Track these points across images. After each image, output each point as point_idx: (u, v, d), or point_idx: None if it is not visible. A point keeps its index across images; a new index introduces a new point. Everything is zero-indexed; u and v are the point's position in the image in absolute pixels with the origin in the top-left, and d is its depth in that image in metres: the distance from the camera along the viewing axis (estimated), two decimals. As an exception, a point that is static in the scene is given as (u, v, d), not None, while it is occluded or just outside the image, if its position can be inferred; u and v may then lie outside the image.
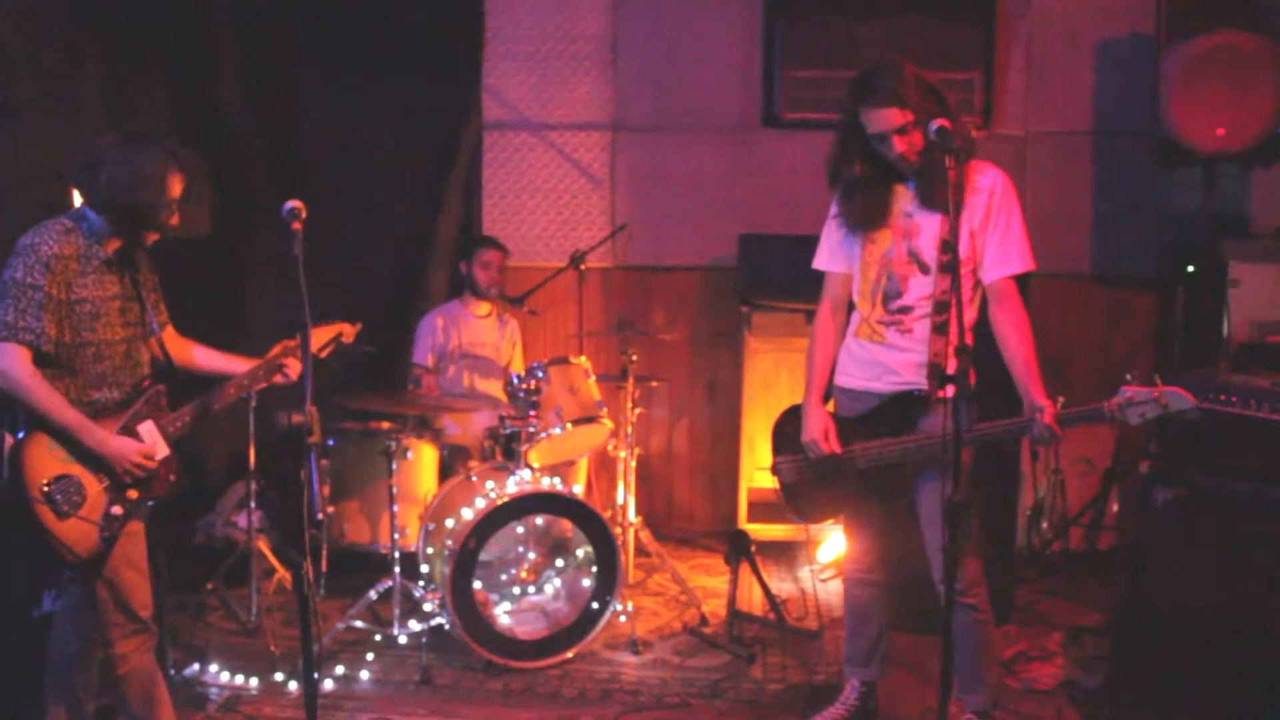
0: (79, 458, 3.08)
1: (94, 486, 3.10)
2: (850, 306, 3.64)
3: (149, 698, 3.31)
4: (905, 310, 3.42)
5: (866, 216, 3.47)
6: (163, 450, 3.24)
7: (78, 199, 4.22)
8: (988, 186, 3.35)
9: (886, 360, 3.46)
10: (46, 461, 3.04)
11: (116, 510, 3.13)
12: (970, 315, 3.39)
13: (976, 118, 5.84)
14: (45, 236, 3.07)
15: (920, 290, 3.40)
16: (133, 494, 3.17)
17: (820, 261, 3.69)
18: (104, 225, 3.16)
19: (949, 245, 3.28)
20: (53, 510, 3.00)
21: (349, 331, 3.83)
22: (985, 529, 3.55)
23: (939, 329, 3.36)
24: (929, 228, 3.38)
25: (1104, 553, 5.46)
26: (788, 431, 3.70)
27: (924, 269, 3.40)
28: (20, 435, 3.04)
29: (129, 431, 3.18)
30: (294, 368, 3.47)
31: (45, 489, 3.00)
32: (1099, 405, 3.09)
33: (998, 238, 3.34)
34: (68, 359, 3.10)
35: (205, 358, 3.53)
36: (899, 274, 3.43)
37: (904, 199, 3.44)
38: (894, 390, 3.45)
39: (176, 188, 3.16)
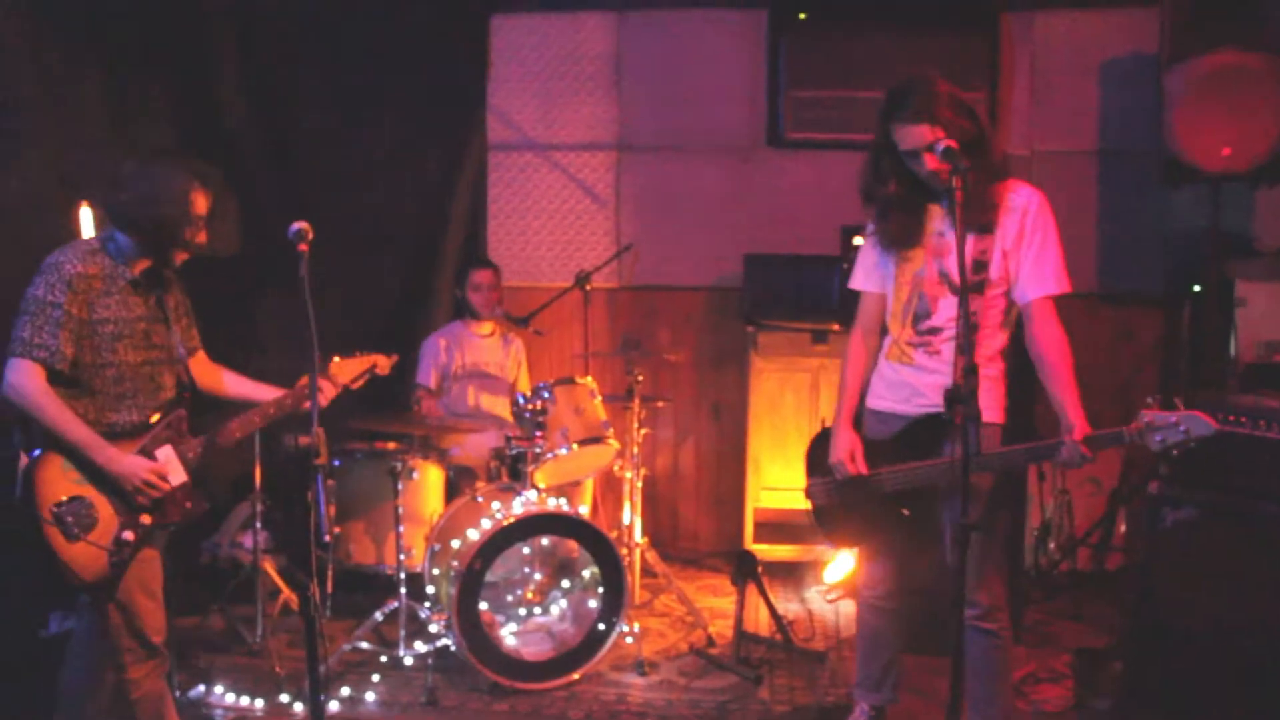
0: (92, 479, 3.07)
1: (106, 510, 3.08)
2: (884, 329, 3.59)
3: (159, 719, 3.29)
4: (934, 331, 3.37)
5: (901, 235, 3.43)
6: (180, 476, 3.22)
7: (85, 215, 4.25)
8: (1021, 205, 3.28)
9: (914, 382, 3.42)
10: (59, 482, 3.03)
11: (128, 536, 3.11)
12: (1001, 338, 3.37)
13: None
14: (70, 255, 3.08)
15: (949, 311, 3.34)
16: (146, 519, 3.15)
17: (855, 282, 3.65)
18: (131, 246, 3.16)
19: (980, 265, 3.26)
20: (62, 532, 2.98)
21: (384, 364, 3.79)
22: (1008, 554, 3.51)
23: (964, 350, 3.32)
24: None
25: (1112, 573, 5.43)
26: (820, 454, 3.66)
27: (954, 289, 3.33)
28: (35, 454, 3.03)
29: (147, 454, 3.17)
30: (324, 395, 3.45)
31: (56, 510, 2.99)
32: (1120, 429, 3.03)
33: (1032, 257, 3.27)
34: (88, 379, 3.10)
35: (234, 385, 3.52)
36: (929, 294, 3.38)
37: (937, 218, 3.39)
38: (921, 413, 3.39)
39: (201, 204, 3.16)
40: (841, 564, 5.48)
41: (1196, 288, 5.37)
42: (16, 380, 2.99)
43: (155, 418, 3.22)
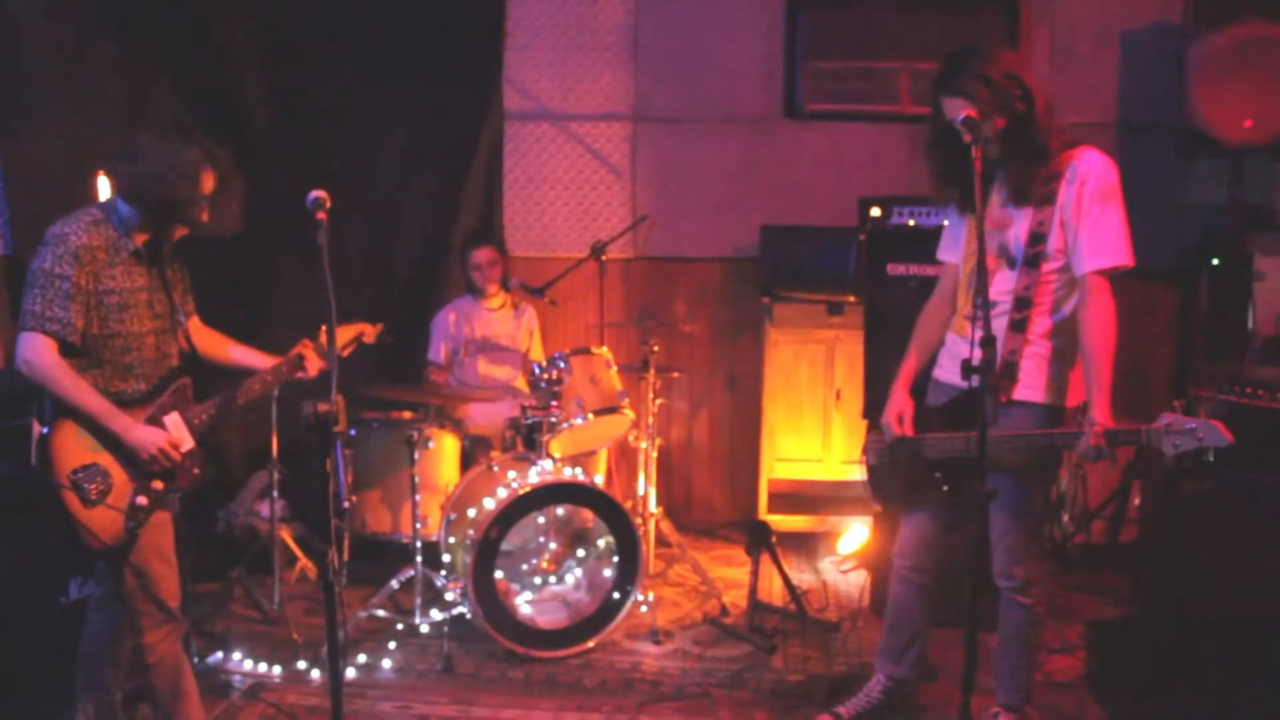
0: (106, 446, 3.10)
1: (120, 476, 3.12)
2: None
3: (176, 687, 3.34)
4: (989, 305, 3.28)
5: (957, 198, 3.42)
6: (188, 442, 3.25)
7: (103, 186, 4.27)
8: (1082, 174, 3.20)
9: (965, 354, 3.35)
10: (75, 449, 3.06)
11: (142, 501, 3.14)
12: (1061, 314, 3.30)
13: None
14: (74, 226, 3.07)
15: (1004, 285, 3.30)
16: (158, 485, 3.19)
17: (940, 252, 3.65)
18: (135, 217, 3.17)
19: (1038, 237, 3.22)
20: (79, 497, 3.02)
21: (370, 332, 3.92)
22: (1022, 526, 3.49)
23: (1016, 326, 3.28)
24: (1020, 221, 3.27)
25: (1126, 546, 5.43)
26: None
27: (1011, 263, 3.30)
28: (50, 423, 3.06)
29: (155, 422, 3.20)
30: (314, 365, 3.50)
31: (73, 476, 3.03)
32: (1139, 428, 3.02)
33: (1089, 228, 3.19)
34: (96, 350, 3.12)
35: (230, 351, 3.55)
36: (989, 268, 3.30)
37: (997, 190, 3.35)
38: (970, 386, 3.38)
39: (209, 184, 3.18)
40: (855, 535, 5.50)
41: (1215, 261, 5.34)
42: (30, 354, 3.02)
43: (161, 386, 3.25)
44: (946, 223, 3.65)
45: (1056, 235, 3.24)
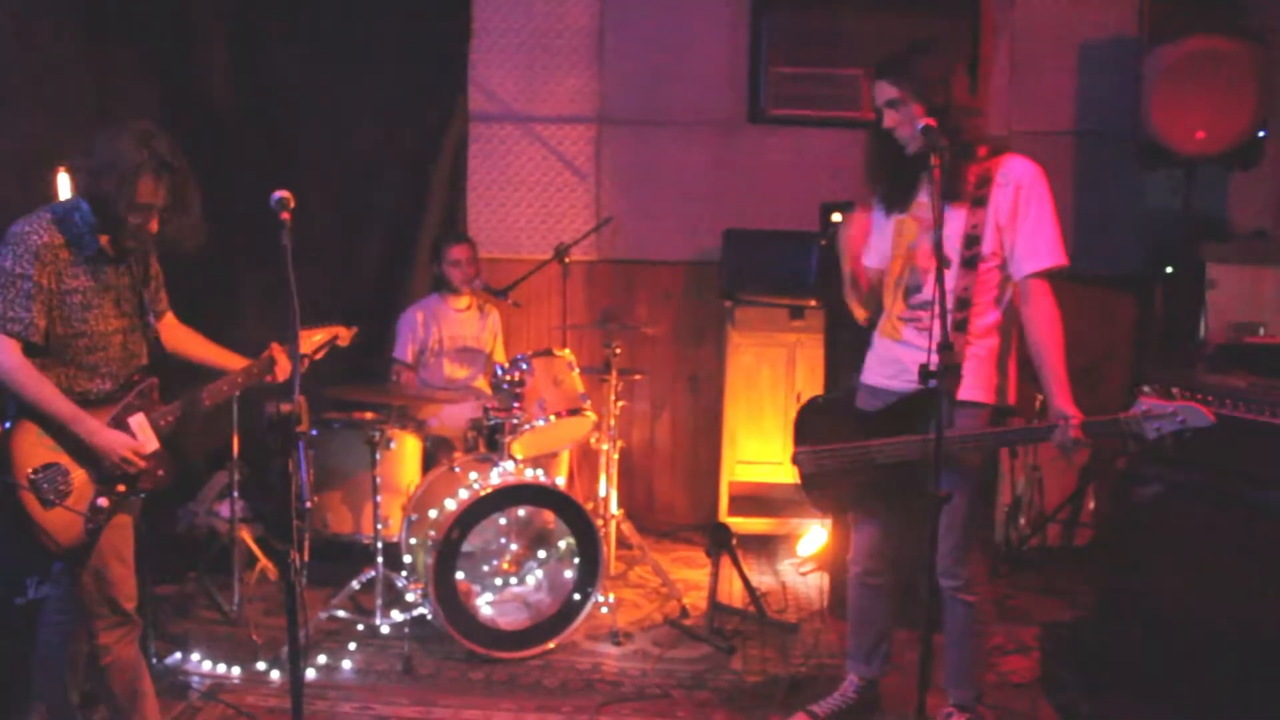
0: (67, 448, 3.06)
1: (81, 476, 3.08)
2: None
3: (132, 688, 3.30)
4: (924, 306, 3.37)
5: (884, 190, 3.51)
6: (152, 444, 3.21)
7: (63, 184, 4.22)
8: (1015, 179, 3.29)
9: (902, 358, 3.44)
10: (34, 449, 3.02)
11: (102, 503, 3.10)
12: (995, 315, 3.38)
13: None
14: (35, 225, 3.02)
15: (947, 285, 3.28)
16: (120, 487, 3.15)
17: (863, 258, 3.69)
18: (94, 215, 3.10)
19: (973, 239, 3.28)
20: (38, 498, 2.98)
21: (345, 335, 3.86)
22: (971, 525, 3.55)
23: (957, 326, 3.33)
24: (952, 221, 3.32)
25: (1081, 549, 5.51)
26: (808, 423, 3.70)
27: (946, 263, 3.30)
28: (8, 423, 3.02)
29: (120, 423, 3.15)
30: (284, 369, 3.45)
31: (32, 477, 2.99)
32: (1116, 417, 3.06)
33: (1027, 232, 3.28)
34: (60, 349, 3.07)
35: (200, 349, 3.50)
36: (921, 268, 3.41)
37: (924, 189, 3.41)
38: (908, 389, 3.40)
39: (148, 191, 3.02)
40: (814, 537, 5.54)
41: (1169, 269, 5.43)
42: None
43: (126, 386, 3.21)
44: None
45: (992, 238, 3.32)
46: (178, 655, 4.24)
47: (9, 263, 2.97)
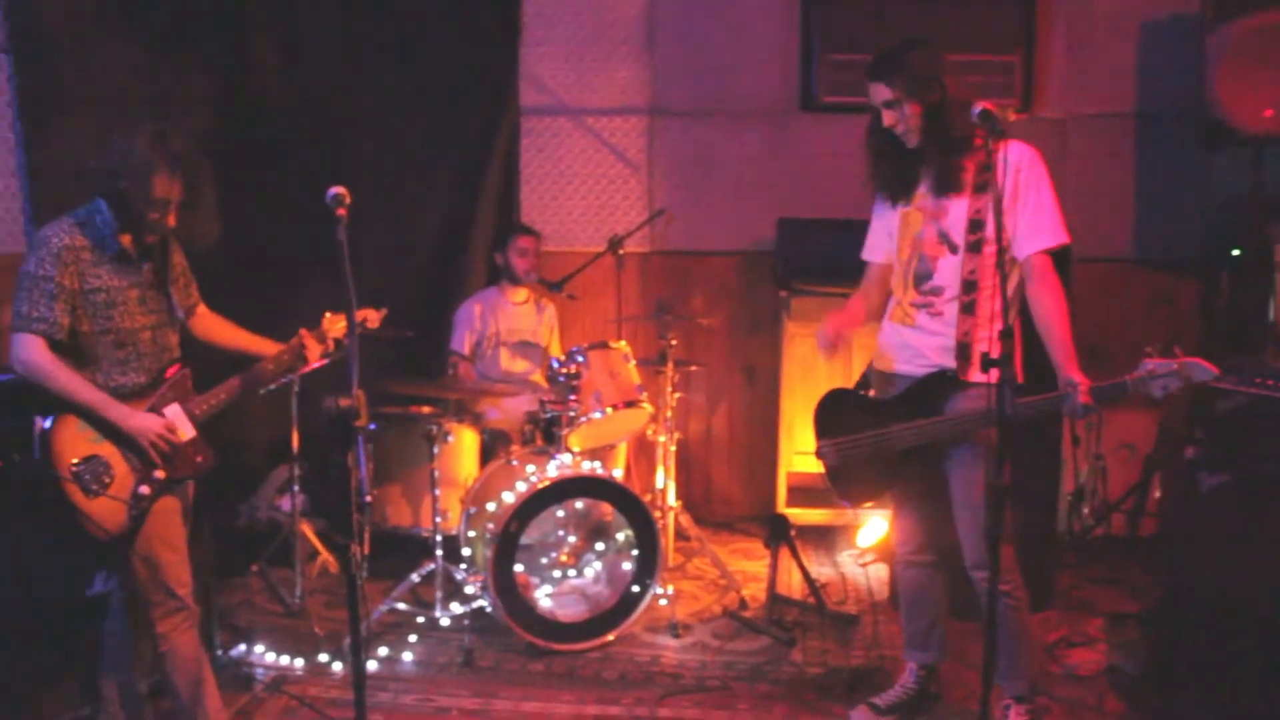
0: (107, 437, 3.17)
1: (122, 467, 3.18)
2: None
3: (193, 677, 3.38)
4: (936, 292, 3.45)
5: (886, 184, 3.59)
6: (189, 432, 3.31)
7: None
8: (1014, 162, 3.34)
9: (915, 343, 3.50)
10: (75, 442, 3.13)
11: (144, 490, 3.21)
12: (1002, 296, 3.37)
13: (1015, 100, 5.79)
14: (57, 229, 3.16)
15: (950, 271, 3.42)
16: (160, 474, 3.25)
17: (864, 251, 3.79)
18: (113, 217, 3.22)
19: (977, 224, 3.31)
20: (81, 489, 3.09)
21: (374, 317, 3.94)
22: (1019, 515, 3.52)
23: (966, 309, 3.38)
24: (955, 208, 3.41)
25: (1145, 539, 5.41)
26: (827, 416, 3.74)
27: (953, 249, 3.43)
28: (49, 421, 3.13)
29: (155, 413, 3.26)
30: (314, 353, 3.57)
31: (74, 468, 3.10)
32: (1123, 379, 3.10)
33: (1028, 212, 3.34)
34: (90, 347, 3.19)
35: (232, 336, 3.60)
36: (929, 255, 3.47)
37: (926, 179, 3.49)
38: (924, 372, 3.48)
39: (163, 188, 3.16)
40: (874, 528, 5.49)
41: (1235, 252, 5.31)
42: (23, 354, 3.10)
43: (160, 378, 3.32)
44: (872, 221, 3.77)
45: (994, 221, 3.31)
46: (242, 647, 4.30)
47: (32, 266, 3.12)
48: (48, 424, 3.13)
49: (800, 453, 5.87)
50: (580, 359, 4.74)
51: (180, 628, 3.33)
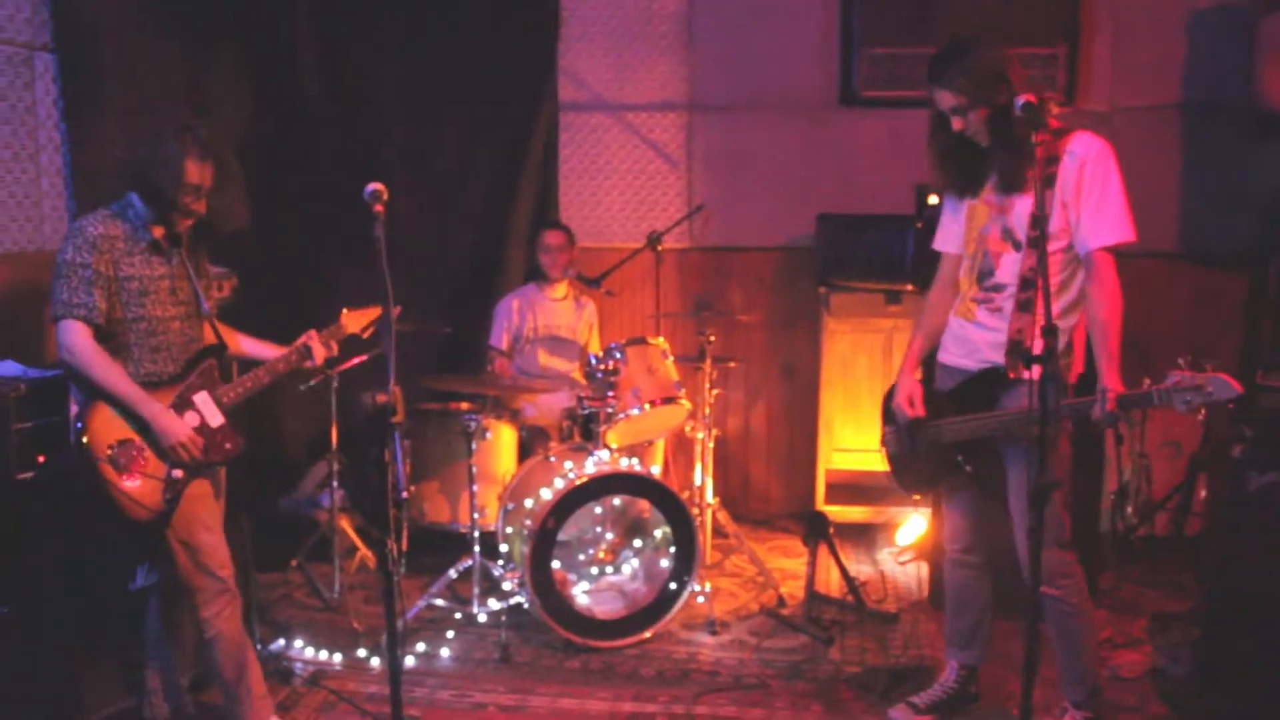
0: (135, 428, 3.23)
1: (155, 450, 3.25)
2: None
3: (238, 663, 3.43)
4: (998, 288, 3.40)
5: (953, 182, 3.52)
6: (217, 418, 3.39)
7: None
8: (1081, 155, 3.26)
9: (974, 338, 3.47)
10: (109, 427, 3.20)
11: (177, 474, 3.28)
12: (1066, 294, 3.35)
13: (1059, 94, 5.71)
14: (92, 219, 3.26)
15: (1012, 267, 3.37)
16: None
17: (936, 242, 3.73)
18: (146, 209, 3.31)
19: (1038, 220, 3.24)
20: (116, 470, 3.17)
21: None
22: (1074, 517, 3.47)
23: (1023, 306, 3.33)
24: (1020, 204, 3.35)
25: (1190, 539, 5.32)
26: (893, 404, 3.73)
27: (1016, 246, 3.37)
28: (85, 404, 3.22)
29: (185, 401, 3.33)
30: (319, 354, 3.64)
31: (110, 451, 3.17)
32: (1150, 390, 3.02)
33: (1092, 206, 3.26)
34: (122, 334, 3.27)
35: (240, 343, 3.68)
36: (993, 251, 3.43)
37: (995, 177, 3.42)
38: (979, 367, 3.45)
39: (194, 174, 3.26)
40: (914, 526, 5.45)
41: (1284, 246, 5.22)
42: (68, 340, 3.17)
43: (189, 367, 3.40)
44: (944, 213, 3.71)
45: (1058, 215, 3.29)
46: (281, 642, 4.33)
47: (70, 254, 3.20)
48: (83, 407, 3.21)
49: (839, 450, 5.85)
50: (618, 355, 4.72)
51: (224, 613, 3.38)
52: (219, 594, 3.36)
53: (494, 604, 4.54)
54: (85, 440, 3.16)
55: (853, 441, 5.83)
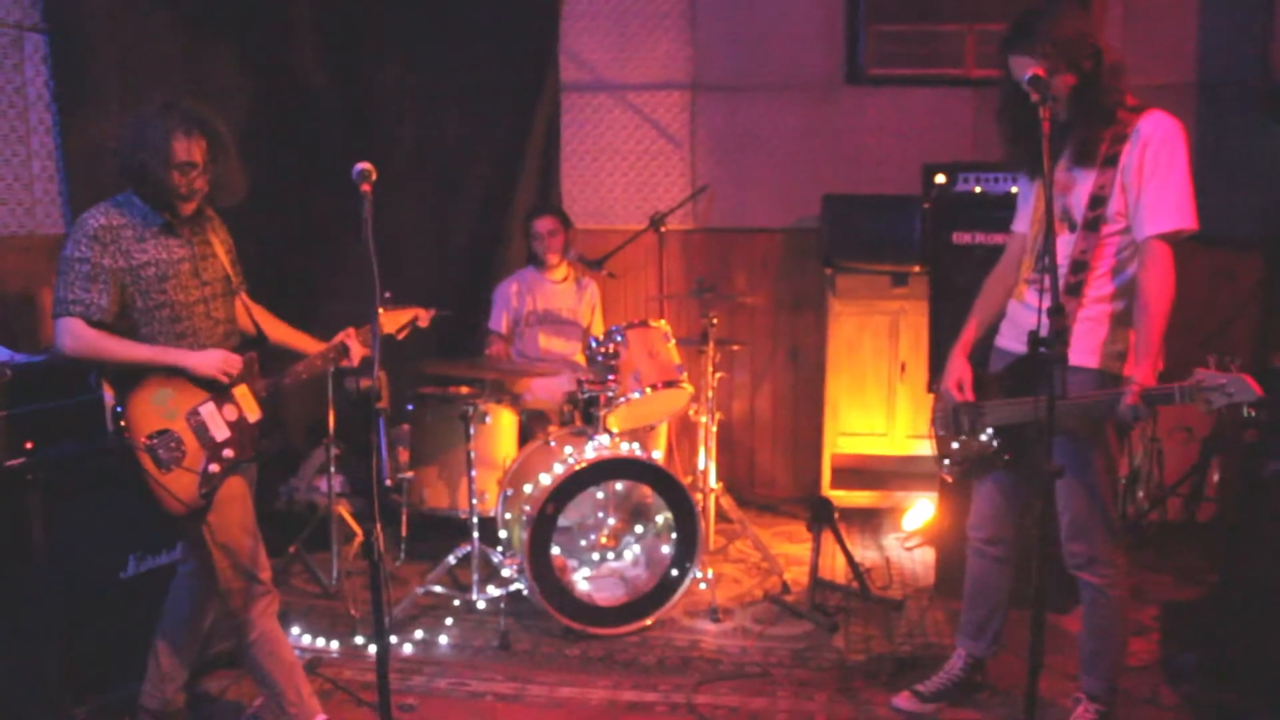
0: (173, 415, 3.16)
1: (193, 442, 3.19)
2: None
3: (284, 661, 3.38)
4: (1046, 269, 3.23)
5: (1025, 162, 3.34)
6: (255, 414, 3.33)
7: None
8: (1144, 137, 3.10)
9: (1021, 320, 3.37)
10: (148, 417, 3.13)
11: (213, 468, 3.21)
12: (1119, 279, 3.21)
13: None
14: (94, 211, 3.17)
15: (1066, 250, 3.22)
16: (229, 453, 3.25)
17: (1015, 224, 3.58)
18: (143, 202, 3.21)
19: (1098, 200, 3.13)
20: (154, 462, 3.10)
21: (424, 316, 3.95)
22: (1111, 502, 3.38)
23: (1071, 290, 3.20)
24: (1082, 183, 3.19)
25: (1203, 524, 5.24)
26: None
27: (1072, 227, 3.22)
28: (124, 393, 3.13)
29: (224, 395, 3.27)
30: (357, 354, 3.55)
31: (148, 441, 3.11)
32: (1174, 388, 2.91)
33: (1153, 190, 3.09)
34: (145, 323, 3.18)
35: (276, 331, 3.60)
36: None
37: (1068, 153, 3.24)
38: (1023, 351, 3.28)
39: (183, 151, 3.13)
40: (920, 511, 5.39)
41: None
42: (64, 338, 3.11)
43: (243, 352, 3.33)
44: (1015, 190, 3.57)
45: (1117, 198, 3.14)
46: (278, 629, 4.28)
47: (69, 250, 3.13)
48: (119, 400, 3.12)
49: (845, 434, 5.79)
50: (619, 338, 4.66)
51: (266, 613, 3.34)
52: (261, 595, 3.33)
53: (493, 591, 4.49)
54: (124, 429, 3.09)
55: (858, 425, 5.77)
